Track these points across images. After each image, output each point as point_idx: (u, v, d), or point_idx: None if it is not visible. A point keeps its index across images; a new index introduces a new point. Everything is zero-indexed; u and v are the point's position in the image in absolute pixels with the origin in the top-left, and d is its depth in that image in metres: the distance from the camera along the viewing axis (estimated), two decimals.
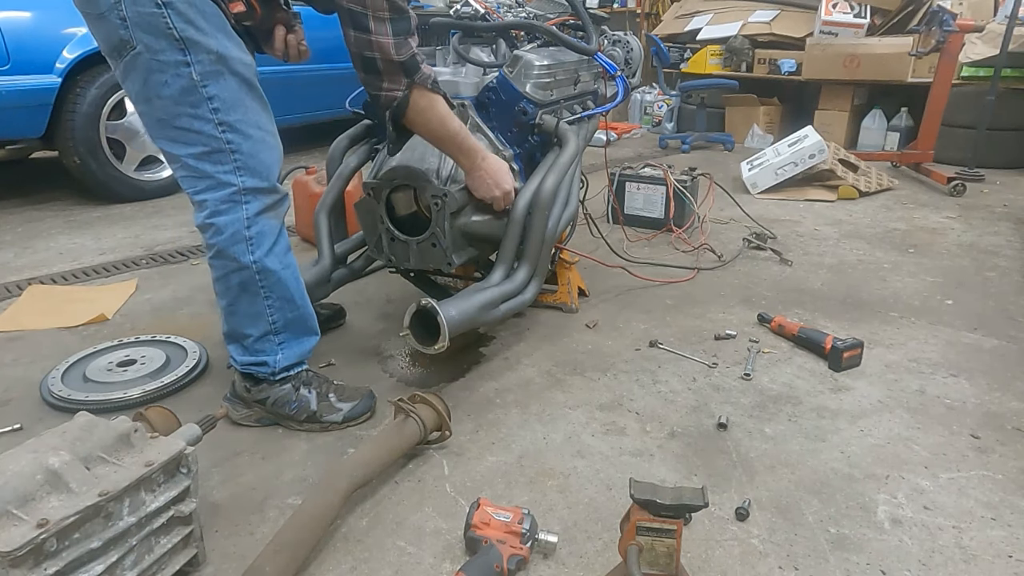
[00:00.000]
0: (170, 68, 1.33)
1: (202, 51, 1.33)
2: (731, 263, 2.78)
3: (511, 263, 1.88)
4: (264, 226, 1.49)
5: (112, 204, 3.63)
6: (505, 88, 1.89)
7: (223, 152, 1.41)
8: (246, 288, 1.51)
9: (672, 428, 1.66)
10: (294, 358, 1.62)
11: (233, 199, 1.44)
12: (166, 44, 1.31)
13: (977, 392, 1.83)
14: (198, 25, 1.32)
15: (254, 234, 1.47)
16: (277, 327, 1.57)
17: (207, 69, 1.35)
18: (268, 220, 1.50)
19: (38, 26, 3.28)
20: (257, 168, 1.45)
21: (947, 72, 4.06)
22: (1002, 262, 2.82)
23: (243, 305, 1.53)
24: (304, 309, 1.62)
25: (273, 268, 1.51)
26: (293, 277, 1.57)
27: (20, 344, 2.10)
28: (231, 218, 1.45)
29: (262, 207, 1.48)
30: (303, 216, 2.98)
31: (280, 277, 1.53)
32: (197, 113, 1.37)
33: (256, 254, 1.48)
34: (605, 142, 3.25)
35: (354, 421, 1.66)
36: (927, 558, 1.26)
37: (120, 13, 1.29)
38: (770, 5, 5.62)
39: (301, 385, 1.63)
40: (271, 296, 1.54)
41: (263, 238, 1.49)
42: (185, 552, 1.18)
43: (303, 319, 1.62)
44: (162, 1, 1.28)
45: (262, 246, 1.49)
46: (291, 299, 1.57)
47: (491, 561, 1.18)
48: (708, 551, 1.27)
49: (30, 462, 1.00)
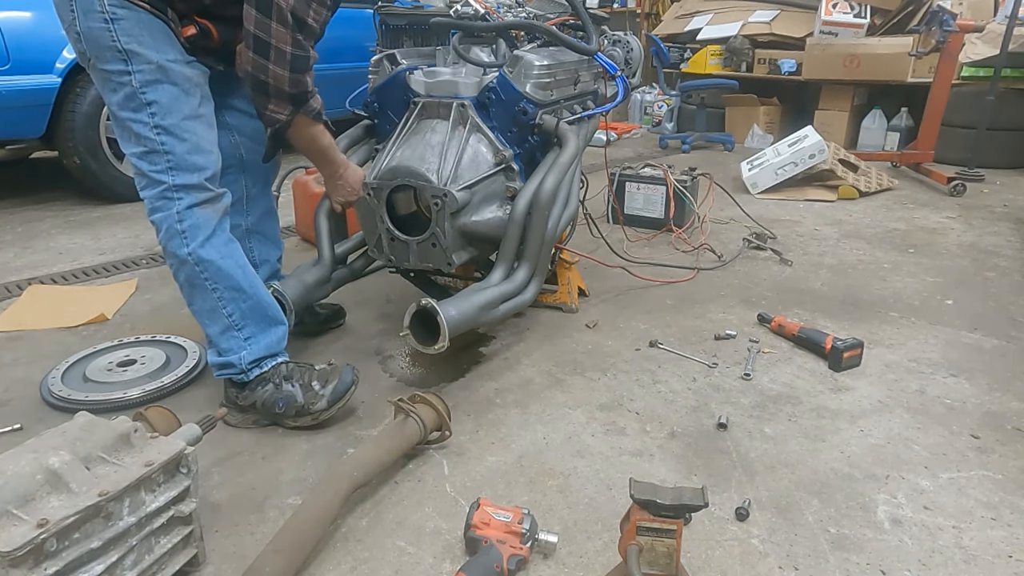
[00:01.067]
0: (115, 76, 1.46)
1: (143, 62, 1.45)
2: (731, 263, 2.78)
3: (511, 263, 1.88)
4: (197, 219, 1.54)
5: (112, 204, 3.63)
6: (505, 88, 1.89)
7: (157, 153, 1.50)
8: (192, 283, 1.57)
9: (672, 428, 1.66)
10: (261, 351, 1.62)
11: (165, 195, 1.52)
12: (111, 55, 1.44)
13: (977, 392, 1.83)
14: (141, 40, 1.44)
15: (187, 227, 1.53)
16: (235, 320, 1.59)
17: (147, 78, 1.46)
18: (202, 212, 1.54)
19: (38, 26, 3.27)
20: (188, 167, 1.52)
21: (947, 72, 4.06)
22: (1002, 262, 2.82)
23: (196, 300, 1.59)
24: (257, 298, 1.62)
25: (210, 258, 1.55)
26: (237, 266, 1.59)
27: (20, 344, 2.10)
28: (164, 214, 1.53)
29: (194, 201, 1.53)
30: (303, 216, 2.98)
31: (220, 266, 1.56)
32: (137, 117, 1.48)
33: (191, 246, 1.53)
34: (605, 142, 3.25)
35: (339, 401, 1.64)
36: (927, 558, 1.26)
37: (76, 28, 1.44)
38: (770, 5, 5.61)
39: (282, 381, 1.63)
40: (217, 287, 1.57)
41: (196, 230, 1.54)
42: (185, 552, 1.18)
43: (260, 308, 1.63)
44: (110, 17, 1.41)
45: (196, 238, 1.54)
46: (239, 288, 1.59)
47: (491, 561, 1.18)
48: (708, 551, 1.27)
49: (30, 462, 1.00)
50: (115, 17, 1.41)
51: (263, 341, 1.63)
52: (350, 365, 1.70)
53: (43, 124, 3.35)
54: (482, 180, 1.86)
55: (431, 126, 1.92)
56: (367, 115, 2.08)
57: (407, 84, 1.98)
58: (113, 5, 1.40)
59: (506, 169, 1.91)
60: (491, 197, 1.91)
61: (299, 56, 1.48)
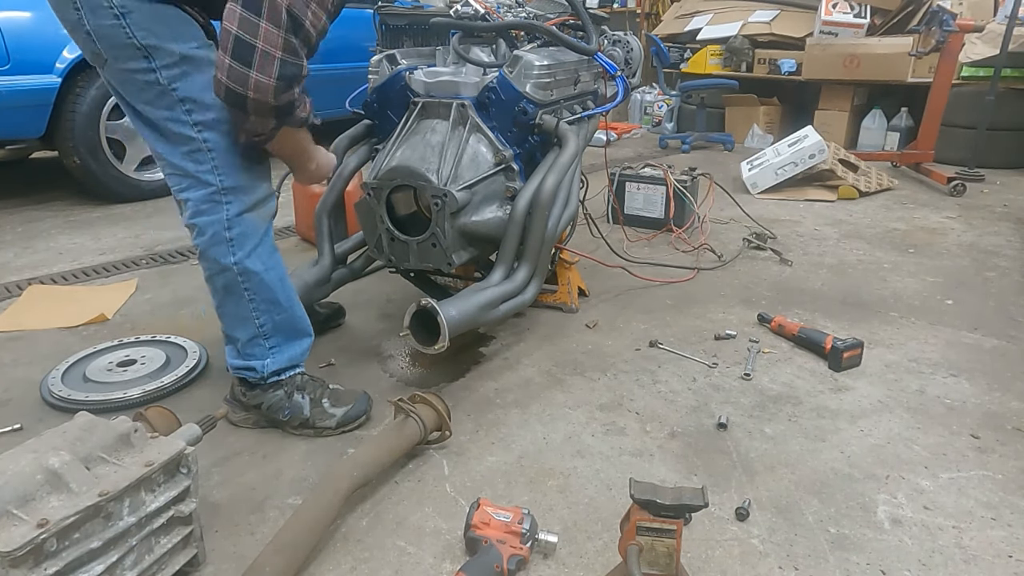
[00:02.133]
0: (139, 75, 1.34)
1: (165, 55, 1.33)
2: (731, 263, 2.78)
3: (511, 263, 1.88)
4: (247, 226, 1.46)
5: (112, 204, 3.63)
6: (505, 88, 1.89)
7: (201, 151, 1.40)
8: (230, 290, 1.50)
9: (672, 428, 1.66)
10: (284, 362, 1.60)
11: (213, 199, 1.43)
12: (130, 53, 1.32)
13: (977, 392, 1.83)
14: (157, 32, 1.31)
15: (235, 235, 1.45)
16: (265, 330, 1.55)
17: (173, 72, 1.34)
18: (251, 220, 1.47)
19: (38, 26, 3.27)
20: (236, 167, 1.43)
21: (947, 72, 4.06)
22: (1002, 262, 2.82)
23: (229, 307, 1.53)
24: (291, 311, 1.58)
25: (255, 270, 1.49)
26: (278, 278, 1.54)
27: (20, 344, 2.10)
28: (212, 219, 1.44)
29: (243, 207, 1.45)
30: (303, 216, 2.98)
31: (263, 279, 1.50)
32: (173, 115, 1.37)
33: (237, 255, 1.46)
34: (605, 142, 3.25)
35: (349, 425, 1.64)
36: (927, 558, 1.26)
37: (85, 27, 1.31)
38: (770, 5, 5.61)
39: (295, 391, 1.61)
40: (255, 299, 1.51)
41: (245, 239, 1.47)
42: (185, 552, 1.18)
43: (292, 321, 1.59)
44: (120, 12, 1.29)
45: (244, 247, 1.47)
46: (276, 301, 1.54)
47: (491, 561, 1.18)
48: (708, 551, 1.27)
49: (30, 462, 1.00)
50: (125, 11, 1.28)
51: (287, 353, 1.60)
52: (366, 394, 1.70)
53: (43, 124, 3.35)
54: (482, 180, 1.86)
55: (431, 126, 1.92)
56: (367, 115, 2.08)
57: (407, 84, 1.98)
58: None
59: (506, 169, 1.91)
60: (491, 197, 1.91)
61: (290, 63, 1.27)
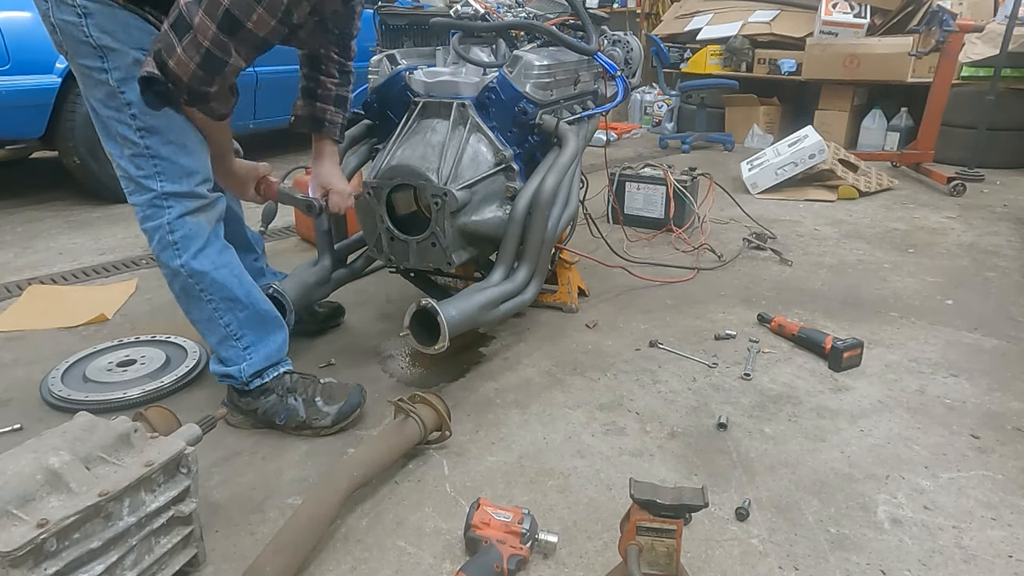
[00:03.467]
0: (93, 73, 1.38)
1: (118, 57, 1.36)
2: (731, 263, 2.78)
3: (511, 263, 1.88)
4: (189, 228, 1.47)
5: (112, 204, 3.63)
6: (505, 88, 1.89)
7: (143, 156, 1.42)
8: (187, 293, 1.52)
9: (672, 428, 1.66)
10: (261, 362, 1.59)
11: (155, 203, 1.45)
12: (86, 51, 1.36)
13: (977, 392, 1.83)
14: (116, 35, 1.35)
15: (179, 238, 1.47)
16: (232, 330, 1.55)
17: (124, 75, 1.37)
18: (194, 221, 1.48)
19: (38, 26, 3.21)
20: (177, 172, 1.44)
21: (947, 72, 4.06)
22: (1002, 262, 2.82)
23: (194, 312, 1.55)
24: (254, 306, 1.57)
25: (204, 270, 1.49)
26: (231, 275, 1.54)
27: (20, 344, 2.10)
28: (155, 224, 1.46)
29: (185, 210, 1.46)
30: (303, 216, 2.98)
31: (215, 278, 1.51)
32: (119, 117, 1.40)
33: (183, 257, 1.48)
34: (605, 142, 3.25)
35: (344, 420, 1.63)
36: (927, 558, 1.26)
37: (51, 19, 1.37)
38: (770, 5, 5.62)
39: (287, 393, 1.61)
40: (213, 298, 1.52)
41: (189, 241, 1.47)
42: (185, 552, 1.18)
43: (257, 316, 1.58)
44: (82, 12, 1.33)
45: (188, 249, 1.48)
46: (234, 298, 1.54)
47: (491, 561, 1.18)
48: (708, 551, 1.27)
49: (30, 462, 1.00)
50: (86, 11, 1.33)
51: (263, 351, 1.59)
52: (359, 386, 1.69)
53: (43, 124, 3.35)
54: (482, 180, 1.86)
55: (431, 126, 1.92)
56: (367, 115, 2.08)
57: (407, 84, 1.98)
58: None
59: (506, 169, 1.91)
60: (491, 197, 1.90)
61: (216, 58, 1.29)
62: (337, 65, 1.75)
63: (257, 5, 1.27)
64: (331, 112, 1.78)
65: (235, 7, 1.26)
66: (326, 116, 1.77)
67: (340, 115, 1.80)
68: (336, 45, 1.73)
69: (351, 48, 1.77)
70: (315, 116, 1.77)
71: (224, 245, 1.55)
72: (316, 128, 1.78)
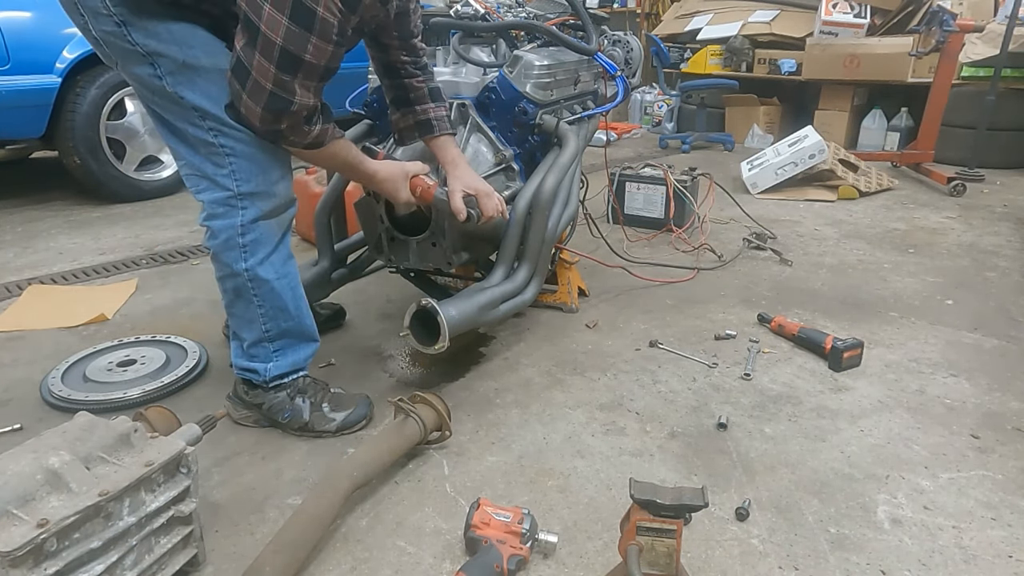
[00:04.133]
0: (148, 80, 1.34)
1: (167, 61, 1.32)
2: (731, 263, 2.78)
3: (511, 263, 1.88)
4: (261, 233, 1.44)
5: (112, 204, 3.63)
6: (505, 88, 1.89)
7: (219, 155, 1.39)
8: (239, 294, 1.50)
9: (672, 428, 1.66)
10: (286, 367, 1.59)
11: (229, 203, 1.41)
12: (134, 59, 1.33)
13: (977, 392, 1.83)
14: (160, 37, 1.30)
15: (248, 241, 1.44)
16: (271, 335, 1.55)
17: (177, 79, 1.33)
18: (266, 226, 1.45)
19: (38, 26, 3.27)
20: (254, 172, 1.40)
21: (947, 72, 4.06)
22: (1002, 262, 2.82)
23: (238, 308, 1.53)
24: (300, 320, 1.57)
25: (267, 278, 1.47)
26: (289, 287, 1.52)
27: (20, 344, 2.10)
28: (226, 223, 1.42)
29: (259, 213, 1.43)
30: (303, 216, 2.96)
31: (274, 287, 1.49)
32: (187, 118, 1.37)
33: (249, 262, 1.45)
34: (605, 142, 3.25)
35: (349, 430, 1.62)
36: (927, 558, 1.26)
37: (92, 33, 1.33)
38: (770, 5, 5.61)
39: (297, 394, 1.61)
40: (264, 305, 1.51)
41: (258, 246, 1.45)
42: (185, 552, 1.18)
43: (299, 329, 1.58)
44: (120, 20, 1.29)
45: (256, 254, 1.45)
46: (285, 309, 1.53)
47: (491, 561, 1.18)
48: (708, 551, 1.27)
49: (30, 462, 1.00)
50: (124, 20, 1.29)
51: (291, 358, 1.59)
52: (368, 398, 1.68)
53: (43, 124, 3.35)
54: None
55: None
56: (367, 115, 2.08)
57: None
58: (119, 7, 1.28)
59: (506, 169, 1.91)
60: None
61: (280, 98, 1.30)
62: (412, 65, 1.71)
63: (310, 35, 1.26)
64: (433, 109, 1.73)
65: (289, 43, 1.25)
66: (430, 116, 1.73)
67: (443, 107, 1.75)
68: (402, 50, 1.68)
69: (417, 48, 1.70)
70: (419, 121, 1.73)
71: (289, 254, 1.53)
72: (427, 131, 1.73)
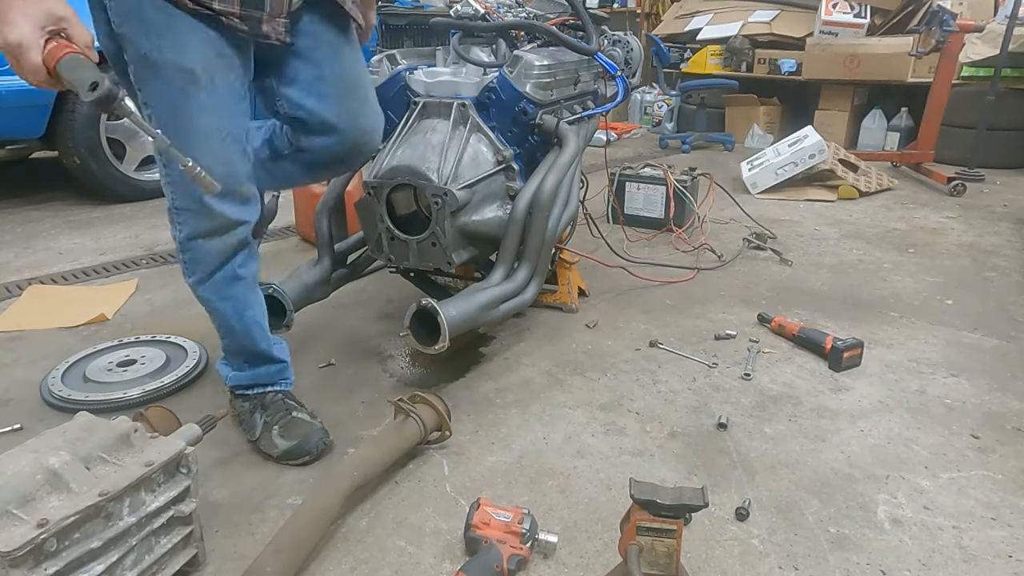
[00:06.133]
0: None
1: (133, 50, 1.19)
2: (731, 263, 2.78)
3: (511, 263, 1.88)
4: (197, 253, 1.35)
5: (112, 204, 3.63)
6: (505, 88, 1.89)
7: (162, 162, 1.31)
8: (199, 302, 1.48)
9: (672, 428, 1.66)
10: (247, 380, 1.58)
11: (170, 215, 1.35)
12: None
13: (977, 392, 1.83)
14: (132, 22, 1.17)
15: (187, 259, 1.38)
16: (229, 347, 1.55)
17: (139, 72, 1.21)
18: (203, 247, 1.34)
19: None
20: (188, 189, 1.27)
21: (947, 72, 4.06)
22: (1002, 262, 2.82)
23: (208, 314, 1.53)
24: (250, 344, 1.50)
25: (207, 298, 1.42)
26: (234, 310, 1.44)
27: (20, 344, 2.10)
28: (172, 234, 1.38)
29: (193, 232, 1.33)
30: (303, 216, 2.98)
31: (216, 308, 1.44)
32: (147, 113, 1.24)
33: (190, 279, 1.42)
34: (605, 142, 3.25)
35: (291, 461, 1.50)
36: (927, 558, 1.26)
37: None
38: (770, 5, 5.62)
39: (258, 408, 1.57)
40: (215, 320, 1.49)
41: (196, 265, 1.37)
42: (185, 552, 1.18)
43: (247, 350, 1.53)
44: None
45: (195, 273, 1.39)
46: (232, 330, 1.49)
47: (491, 561, 1.18)
48: (708, 551, 1.27)
49: (30, 462, 1.00)
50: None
51: (250, 373, 1.57)
52: (325, 431, 1.53)
53: (43, 124, 3.34)
54: (482, 179, 1.86)
55: (431, 126, 1.92)
56: None
57: (407, 84, 1.98)
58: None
59: (506, 169, 1.91)
60: (491, 197, 1.91)
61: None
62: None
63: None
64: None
65: None
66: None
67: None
68: None
69: None
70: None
71: (234, 277, 1.42)
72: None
